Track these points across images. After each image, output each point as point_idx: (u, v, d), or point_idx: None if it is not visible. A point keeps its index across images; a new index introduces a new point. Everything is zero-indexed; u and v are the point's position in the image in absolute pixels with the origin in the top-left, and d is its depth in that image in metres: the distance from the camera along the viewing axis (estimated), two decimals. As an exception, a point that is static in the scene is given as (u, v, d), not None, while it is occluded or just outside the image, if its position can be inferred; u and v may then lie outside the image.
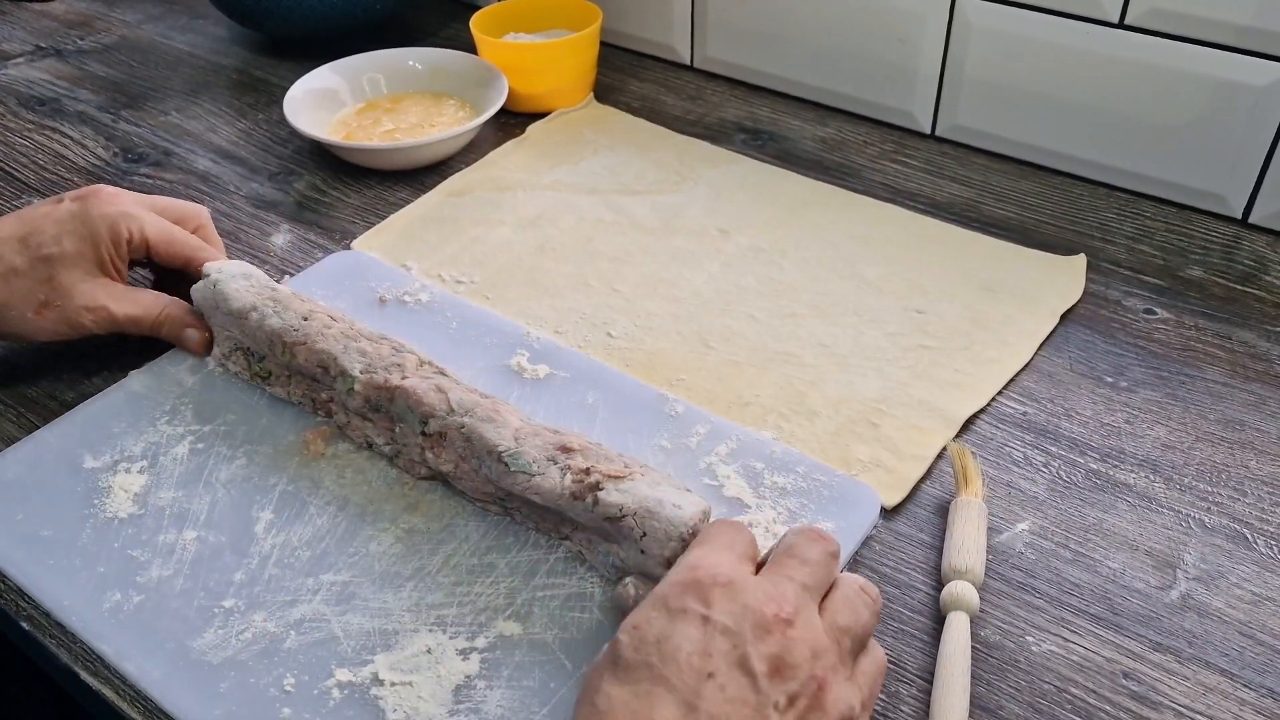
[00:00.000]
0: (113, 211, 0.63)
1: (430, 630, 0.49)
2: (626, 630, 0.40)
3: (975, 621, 0.50)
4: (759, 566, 0.44)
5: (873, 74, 0.87)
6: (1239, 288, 0.70)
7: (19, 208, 0.80)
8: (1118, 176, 0.79)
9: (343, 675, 0.47)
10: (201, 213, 0.69)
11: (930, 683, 0.47)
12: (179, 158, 0.86)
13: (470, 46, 0.91)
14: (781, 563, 0.43)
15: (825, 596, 0.43)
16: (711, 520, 0.47)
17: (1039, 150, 0.82)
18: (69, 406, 0.62)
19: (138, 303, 0.63)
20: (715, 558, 0.42)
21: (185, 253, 0.65)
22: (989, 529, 0.54)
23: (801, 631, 0.40)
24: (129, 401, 0.61)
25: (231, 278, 0.62)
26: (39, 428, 0.60)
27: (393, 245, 0.75)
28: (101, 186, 0.65)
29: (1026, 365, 0.64)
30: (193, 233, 0.67)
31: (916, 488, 0.57)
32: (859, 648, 0.43)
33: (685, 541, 0.47)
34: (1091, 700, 0.47)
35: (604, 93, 0.94)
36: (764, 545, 0.52)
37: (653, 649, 0.39)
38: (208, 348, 0.63)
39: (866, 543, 0.54)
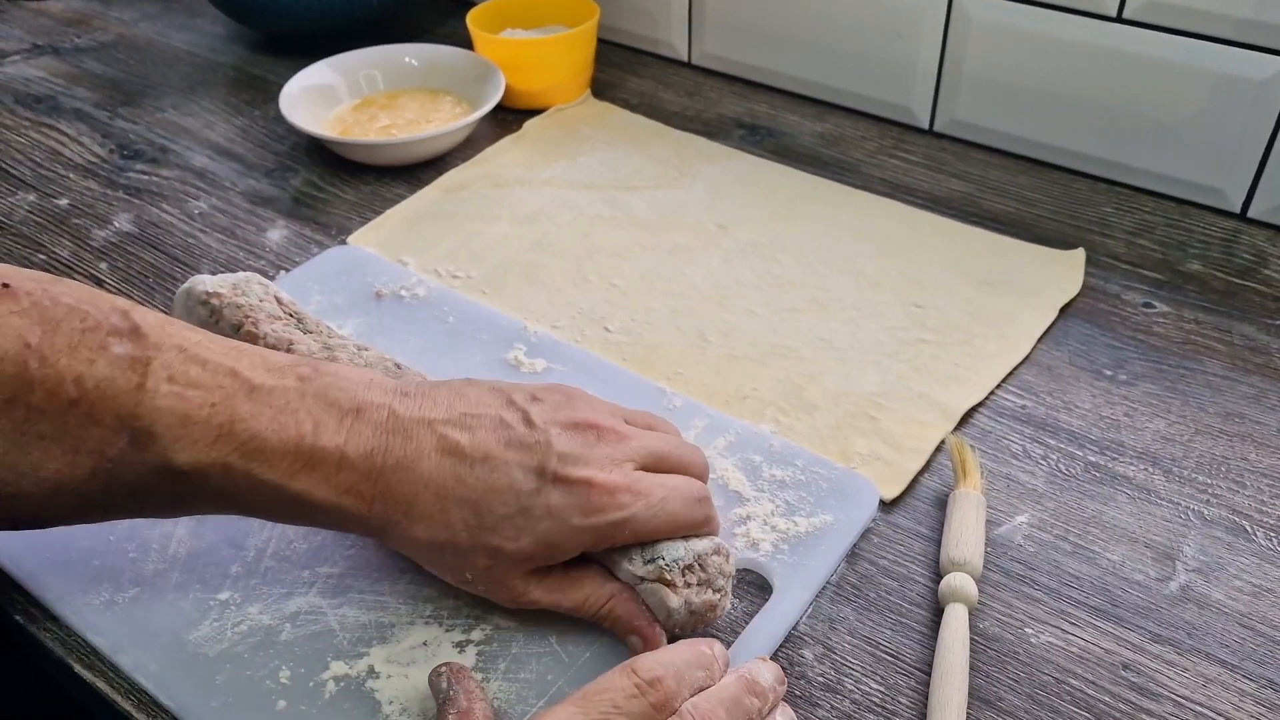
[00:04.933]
0: (606, 522, 0.45)
1: (426, 623, 0.48)
2: None
3: (974, 614, 0.50)
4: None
5: (871, 69, 0.87)
6: (1238, 281, 0.70)
7: (14, 204, 0.80)
8: (1117, 171, 0.79)
9: (338, 668, 0.47)
10: (700, 464, 0.51)
11: (929, 675, 0.47)
12: (175, 154, 0.86)
13: (467, 42, 0.91)
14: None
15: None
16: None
17: (1038, 145, 0.82)
18: (64, 401, 0.61)
19: (576, 590, 0.47)
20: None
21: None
22: (988, 521, 0.54)
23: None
24: (125, 396, 0.61)
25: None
26: (34, 422, 0.60)
27: (389, 241, 0.75)
28: (601, 475, 0.46)
29: (1025, 359, 0.64)
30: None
31: (915, 481, 0.57)
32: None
33: None
34: (1091, 691, 0.47)
35: (601, 89, 0.94)
36: (762, 537, 0.52)
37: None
38: (656, 645, 0.46)
39: (865, 535, 0.54)
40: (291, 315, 0.60)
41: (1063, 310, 0.67)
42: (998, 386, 0.62)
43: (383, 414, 0.45)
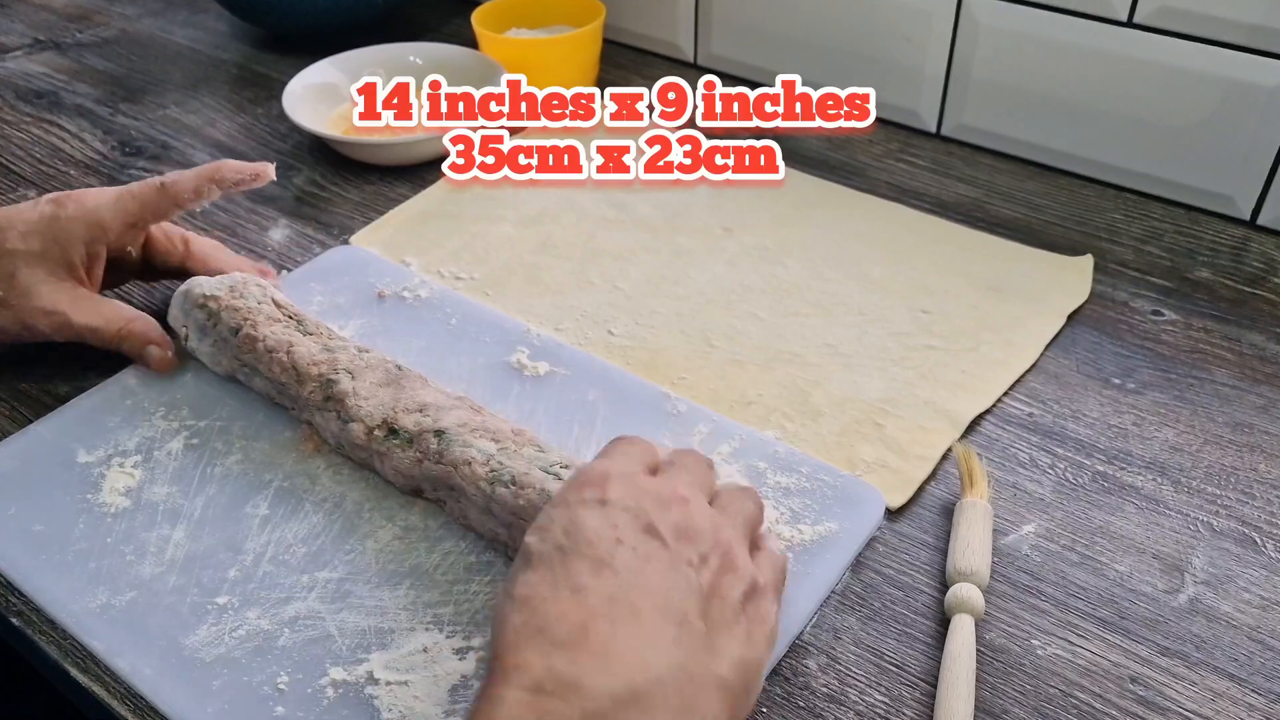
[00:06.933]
0: (87, 215, 0.60)
1: (427, 629, 0.48)
2: (531, 532, 0.42)
3: (980, 624, 0.49)
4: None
5: (878, 73, 0.86)
6: (1247, 290, 0.69)
7: (15, 201, 0.79)
8: (1125, 177, 0.79)
9: (337, 674, 0.46)
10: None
11: (934, 686, 0.46)
12: (177, 152, 0.86)
13: (471, 42, 0.90)
14: (665, 469, 0.46)
15: (712, 500, 0.46)
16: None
17: (1046, 150, 0.81)
18: (63, 400, 0.61)
19: (99, 313, 0.60)
20: (608, 462, 0.44)
21: (173, 261, 0.66)
22: (994, 531, 0.53)
23: (698, 508, 0.43)
24: (124, 396, 0.60)
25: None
26: (32, 421, 0.59)
27: (392, 241, 0.75)
28: (83, 191, 0.62)
29: (1033, 366, 0.63)
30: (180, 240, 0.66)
31: (921, 489, 0.56)
32: (751, 536, 0.45)
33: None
34: (1098, 705, 0.46)
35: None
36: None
37: (559, 535, 0.41)
38: (169, 366, 0.61)
39: (870, 544, 0.53)
40: (291, 317, 0.60)
41: (1070, 317, 0.67)
42: (1005, 394, 0.62)
43: None
